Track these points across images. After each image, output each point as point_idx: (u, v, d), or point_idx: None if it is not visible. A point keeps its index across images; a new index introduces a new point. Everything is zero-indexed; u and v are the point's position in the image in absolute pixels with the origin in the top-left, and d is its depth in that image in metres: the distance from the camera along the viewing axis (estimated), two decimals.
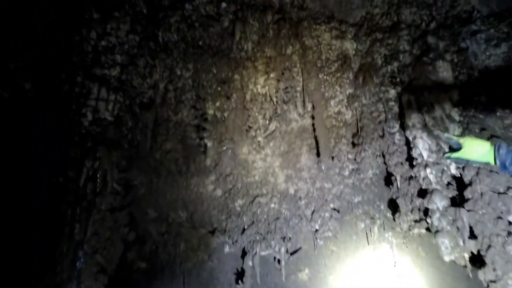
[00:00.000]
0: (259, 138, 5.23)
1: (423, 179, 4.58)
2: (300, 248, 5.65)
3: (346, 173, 5.42)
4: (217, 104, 5.11)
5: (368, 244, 5.57)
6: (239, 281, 5.39)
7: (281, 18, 5.34)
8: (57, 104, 4.49)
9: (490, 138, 4.42)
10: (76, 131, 4.33)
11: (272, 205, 5.58)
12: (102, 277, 3.92)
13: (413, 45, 5.16)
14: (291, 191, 5.66)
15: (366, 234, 5.62)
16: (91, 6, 4.71)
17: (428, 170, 4.52)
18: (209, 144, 5.05)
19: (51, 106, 4.49)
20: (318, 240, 5.58)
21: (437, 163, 4.55)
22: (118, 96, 4.71)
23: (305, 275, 5.61)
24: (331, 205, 5.64)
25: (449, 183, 4.55)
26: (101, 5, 4.79)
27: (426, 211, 4.54)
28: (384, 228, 5.59)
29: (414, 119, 4.64)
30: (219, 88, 5.12)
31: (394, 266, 5.38)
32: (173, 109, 5.20)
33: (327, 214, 5.60)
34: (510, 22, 5.13)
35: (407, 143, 5.12)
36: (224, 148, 5.09)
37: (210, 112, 5.13)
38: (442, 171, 4.49)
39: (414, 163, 4.77)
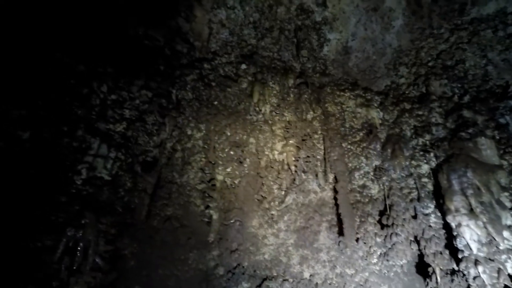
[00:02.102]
0: (273, 211, 4.57)
1: (474, 278, 3.72)
2: None
3: (374, 259, 4.57)
4: (228, 169, 4.58)
5: None
6: None
7: (303, 82, 5.11)
8: (52, 158, 4.02)
9: None
10: (65, 191, 3.77)
11: None
12: None
13: (447, 118, 4.72)
14: (306, 275, 4.78)
15: None
16: (106, 60, 4.55)
17: (480, 268, 3.68)
18: (214, 216, 4.39)
19: (45, 159, 4.02)
20: None
21: (490, 259, 3.73)
22: (120, 154, 4.25)
23: None
24: None
25: (506, 286, 3.67)
26: (117, 60, 4.64)
27: None
28: None
29: (457, 202, 3.96)
30: (232, 152, 4.65)
31: None
32: (179, 170, 4.68)
33: None
34: None
35: (446, 228, 4.36)
36: (232, 220, 4.41)
37: (220, 177, 4.57)
38: (498, 271, 3.65)
39: (460, 256, 3.94)
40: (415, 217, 4.61)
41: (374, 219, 4.68)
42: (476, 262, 3.73)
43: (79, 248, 3.46)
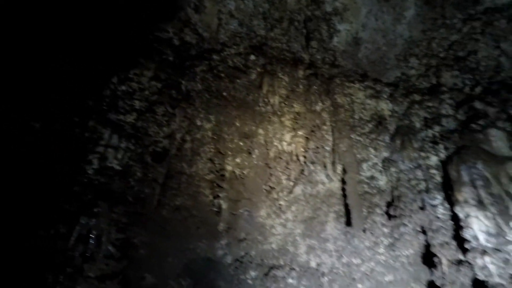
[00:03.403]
0: (281, 201, 4.61)
1: (482, 268, 3.75)
2: None
3: (381, 249, 4.62)
4: (237, 160, 4.61)
5: None
6: None
7: (312, 73, 5.08)
8: (64, 148, 4.09)
9: None
10: (78, 180, 3.85)
11: (290, 280, 4.74)
12: None
13: (458, 109, 4.69)
14: (313, 264, 4.84)
15: None
16: (117, 52, 4.57)
17: (487, 259, 3.71)
18: (224, 205, 4.45)
19: (57, 149, 4.09)
20: None
21: (498, 249, 3.75)
22: (130, 144, 4.30)
23: None
24: (359, 286, 4.76)
25: None
26: (128, 51, 4.66)
27: None
28: None
29: (466, 194, 3.97)
30: (240, 143, 4.67)
31: None
32: (188, 161, 4.72)
33: None
34: None
35: (454, 219, 4.37)
36: (240, 210, 4.46)
37: (229, 168, 4.61)
38: (506, 261, 3.67)
39: (467, 246, 3.97)
40: (422, 208, 4.63)
41: (382, 210, 4.71)
42: (484, 253, 3.76)
43: (92, 236, 3.55)
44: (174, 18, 4.83)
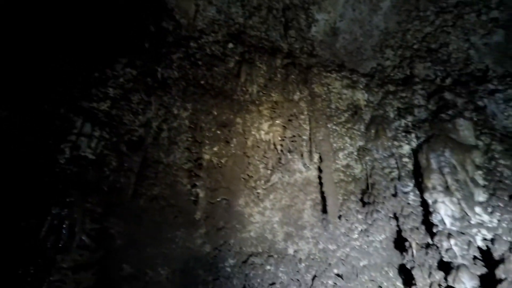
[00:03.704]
0: (259, 190, 4.66)
1: (446, 250, 3.96)
2: None
3: (355, 234, 4.78)
4: (215, 148, 4.60)
5: None
6: None
7: (290, 63, 5.09)
8: (33, 138, 3.92)
9: None
10: (49, 170, 3.72)
11: (268, 267, 4.84)
12: None
13: (429, 100, 4.86)
14: (291, 251, 4.96)
15: None
16: (88, 37, 4.38)
17: (452, 241, 3.92)
18: (201, 194, 4.45)
19: (26, 139, 3.92)
20: None
21: (462, 232, 3.97)
22: (104, 133, 4.19)
23: None
24: (335, 271, 4.93)
25: (475, 258, 3.93)
26: (99, 37, 4.48)
27: None
28: None
29: (434, 180, 4.15)
30: (218, 132, 4.65)
31: None
32: (165, 150, 4.67)
33: (330, 282, 4.85)
34: None
35: (423, 205, 4.58)
36: (218, 198, 4.48)
37: (206, 157, 4.59)
38: (469, 243, 3.90)
39: (434, 230, 4.18)
40: (395, 195, 4.81)
41: (356, 197, 4.86)
42: (449, 236, 3.97)
43: (64, 226, 3.46)
44: (150, 2, 4.67)
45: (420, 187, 4.45)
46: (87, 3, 4.37)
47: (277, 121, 4.74)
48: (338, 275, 4.92)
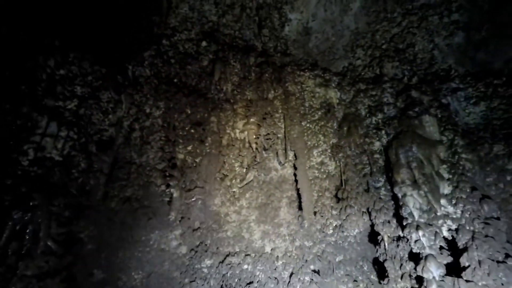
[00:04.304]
0: (235, 188, 4.64)
1: (415, 241, 4.13)
2: None
3: (330, 230, 4.87)
4: (189, 148, 4.53)
5: None
6: None
7: (264, 61, 5.12)
8: None
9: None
10: (10, 173, 3.50)
11: (245, 266, 4.82)
12: None
13: (397, 98, 5.06)
14: (268, 249, 4.97)
15: None
16: (53, 32, 4.18)
17: (420, 232, 4.09)
18: (175, 194, 4.35)
19: None
20: None
21: (430, 224, 4.15)
22: (72, 133, 4.00)
23: None
24: (312, 267, 4.99)
25: (442, 247, 4.13)
26: (66, 32, 4.28)
27: (419, 280, 4.02)
28: None
29: (403, 175, 4.32)
30: (192, 131, 4.58)
31: None
32: (138, 150, 4.53)
33: (307, 278, 4.90)
34: (486, 82, 5.26)
35: (394, 199, 4.76)
36: (194, 198, 4.41)
37: (180, 156, 4.51)
38: (435, 234, 4.08)
39: (404, 223, 4.35)
40: (367, 190, 4.96)
41: (331, 194, 4.95)
42: (417, 228, 4.14)
43: (27, 232, 3.26)
44: None
45: (391, 181, 4.62)
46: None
47: (251, 120, 4.75)
48: (314, 271, 4.99)
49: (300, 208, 4.85)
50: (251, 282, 4.75)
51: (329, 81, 5.22)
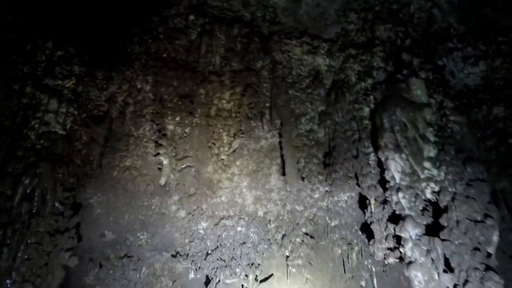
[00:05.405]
0: (223, 156, 4.90)
1: (396, 203, 4.23)
2: (271, 275, 5.20)
3: (317, 195, 5.07)
4: (177, 119, 4.81)
5: (345, 272, 5.16)
6: None
7: (251, 31, 5.15)
8: (4, 115, 4.17)
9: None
10: (21, 145, 4.00)
11: (239, 228, 5.18)
12: None
13: (388, 61, 4.95)
14: (260, 213, 5.28)
15: (343, 261, 5.22)
16: (49, 16, 4.51)
17: (400, 194, 4.17)
18: (165, 161, 4.71)
19: None
20: (290, 267, 5.19)
21: (411, 186, 4.21)
22: (72, 109, 4.41)
23: None
24: (303, 229, 5.26)
25: (424, 209, 4.20)
26: (61, 15, 4.60)
27: (399, 239, 4.16)
28: (362, 255, 5.21)
29: (386, 139, 4.34)
30: (180, 103, 4.83)
31: None
32: (134, 123, 4.89)
33: (298, 240, 5.21)
34: (487, 40, 4.97)
35: (380, 164, 4.81)
36: (183, 166, 4.75)
37: (170, 127, 4.82)
38: (416, 196, 4.14)
39: (387, 186, 4.43)
40: (356, 156, 5.03)
41: (319, 160, 5.08)
42: (398, 190, 4.22)
43: (36, 194, 3.79)
44: None
45: (376, 146, 4.65)
46: None
47: (237, 90, 4.89)
48: (307, 233, 5.26)
49: (288, 174, 5.05)
50: (244, 243, 5.12)
51: (317, 48, 5.17)
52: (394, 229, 4.22)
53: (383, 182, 4.71)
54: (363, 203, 5.26)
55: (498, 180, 4.83)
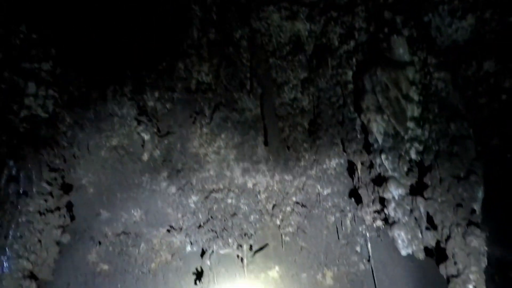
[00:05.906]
0: (205, 129, 4.91)
1: (379, 166, 4.21)
2: (266, 245, 5.33)
3: (304, 163, 5.07)
4: (156, 94, 4.80)
5: (339, 239, 5.24)
6: (197, 282, 5.12)
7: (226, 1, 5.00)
8: None
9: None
10: (4, 130, 4.09)
11: (229, 201, 5.25)
12: (28, 282, 3.68)
13: (370, 22, 4.75)
14: (250, 185, 5.32)
15: (337, 228, 5.29)
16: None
17: (383, 156, 4.14)
18: (146, 137, 4.76)
19: None
20: (284, 236, 5.30)
21: (394, 147, 4.16)
22: (51, 91, 4.44)
23: (275, 273, 5.30)
24: (294, 199, 5.31)
25: (409, 170, 4.17)
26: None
27: (382, 201, 4.17)
28: (355, 221, 5.25)
29: (368, 101, 4.26)
30: (159, 79, 4.81)
31: (369, 261, 5.04)
32: (117, 103, 4.91)
33: (288, 208, 5.28)
34: None
35: (363, 127, 4.74)
36: (166, 141, 4.79)
37: (150, 104, 4.82)
38: (400, 157, 4.10)
39: (371, 149, 4.39)
40: (342, 122, 4.96)
41: (304, 128, 5.04)
42: (381, 152, 4.18)
43: (21, 175, 3.92)
44: None
45: (359, 110, 4.57)
46: None
47: (214, 61, 4.82)
48: (297, 202, 5.32)
49: (273, 144, 5.04)
50: (235, 214, 5.22)
51: (297, 13, 4.98)
52: (378, 192, 4.21)
53: (368, 146, 4.67)
54: (352, 169, 5.25)
55: (491, 137, 4.71)
